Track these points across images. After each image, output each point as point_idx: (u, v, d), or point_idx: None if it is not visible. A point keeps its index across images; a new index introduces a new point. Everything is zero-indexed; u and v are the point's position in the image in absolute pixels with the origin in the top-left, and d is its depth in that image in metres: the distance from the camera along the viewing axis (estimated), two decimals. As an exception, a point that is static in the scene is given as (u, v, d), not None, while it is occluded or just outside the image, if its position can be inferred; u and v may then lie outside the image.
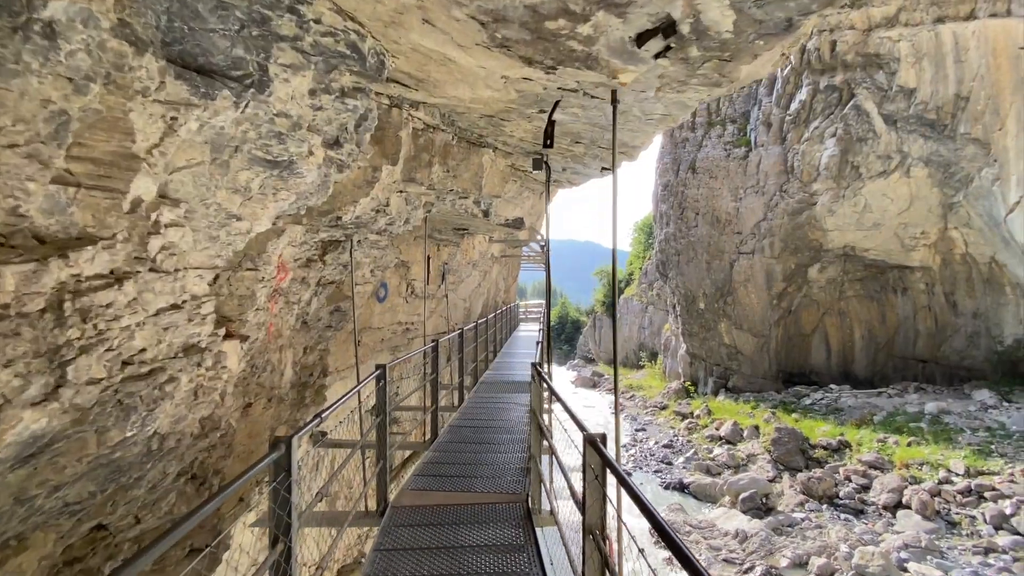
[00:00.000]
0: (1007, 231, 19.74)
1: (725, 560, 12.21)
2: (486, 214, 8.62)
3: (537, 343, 7.52)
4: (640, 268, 46.82)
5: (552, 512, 3.96)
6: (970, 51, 19.25)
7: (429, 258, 10.97)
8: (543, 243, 19.06)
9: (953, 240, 22.66)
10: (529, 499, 4.41)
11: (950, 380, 24.09)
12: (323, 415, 3.08)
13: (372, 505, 4.39)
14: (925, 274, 24.27)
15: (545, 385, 4.50)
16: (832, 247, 25.29)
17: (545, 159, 7.42)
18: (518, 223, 9.99)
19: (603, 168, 8.41)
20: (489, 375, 11.62)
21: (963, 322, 23.56)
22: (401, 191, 6.23)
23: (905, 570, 10.56)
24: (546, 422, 4.46)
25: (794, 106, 24.33)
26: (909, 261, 24.17)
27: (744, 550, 12.61)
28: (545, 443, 4.22)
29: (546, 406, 8.31)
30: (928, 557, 10.93)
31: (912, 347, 25.86)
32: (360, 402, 4.98)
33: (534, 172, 7.92)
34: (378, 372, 4.42)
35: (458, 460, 5.73)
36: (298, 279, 5.49)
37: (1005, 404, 19.02)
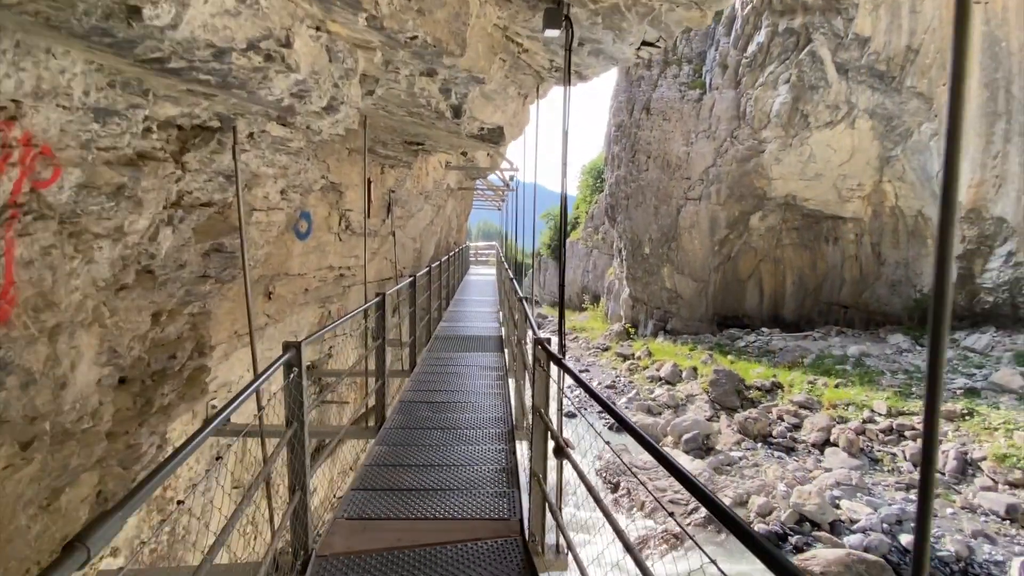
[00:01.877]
0: (938, 185, 20.62)
1: (671, 501, 12.58)
2: (457, 113, 5.95)
3: (525, 300, 6.03)
4: (586, 212, 46.58)
5: (564, 548, 2.83)
6: (925, 2, 19.21)
7: (370, 182, 8.61)
8: (512, 175, 15.42)
9: (885, 193, 23.58)
10: (526, 529, 3.09)
11: (867, 325, 25.87)
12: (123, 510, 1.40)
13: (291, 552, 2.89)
14: (856, 225, 25.33)
15: (562, 376, 2.90)
16: (775, 196, 25.77)
17: (566, 10, 4.92)
18: (496, 135, 7.24)
19: (643, 44, 5.97)
20: (444, 328, 10.52)
21: (886, 271, 25.02)
22: (319, 27, 3.54)
23: (838, 507, 11.24)
24: (552, 417, 3.04)
25: (751, 48, 23.79)
26: (843, 212, 25.08)
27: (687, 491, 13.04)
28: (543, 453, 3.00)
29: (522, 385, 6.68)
30: (858, 494, 11.69)
31: (837, 293, 27.38)
32: (260, 406, 3.13)
33: (544, 35, 5.27)
34: (287, 356, 2.83)
35: (416, 459, 4.27)
36: (109, 188, 3.00)
37: (918, 348, 20.56)
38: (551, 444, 2.93)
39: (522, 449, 4.43)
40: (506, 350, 8.41)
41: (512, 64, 6.58)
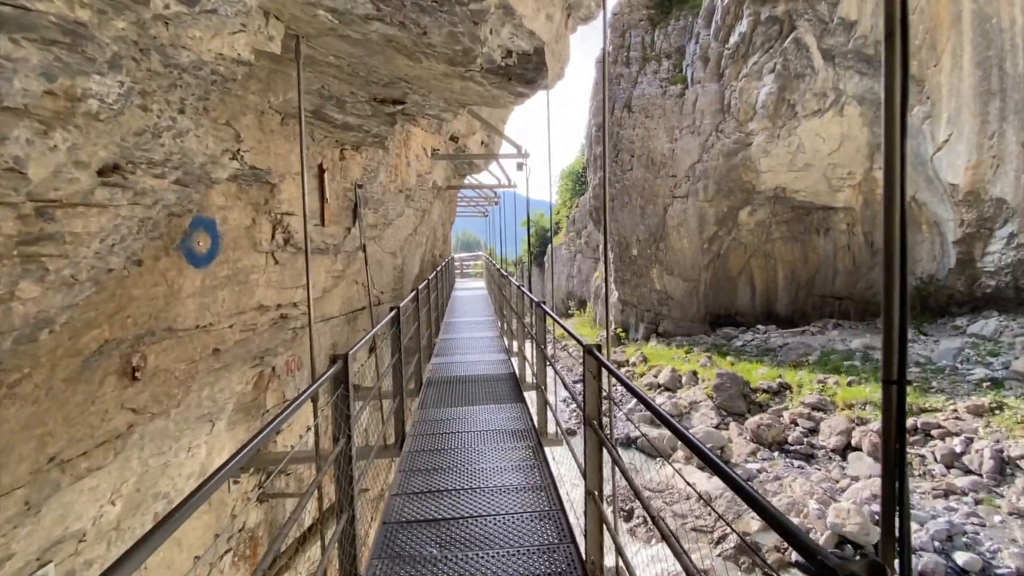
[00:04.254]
0: (932, 170, 20.08)
1: (695, 529, 11.45)
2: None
3: (546, 314, 4.06)
4: (567, 216, 45.69)
5: None
6: (911, -19, 18.67)
7: (323, 169, 6.03)
8: (521, 163, 10.93)
9: (877, 180, 23.02)
10: None
11: (863, 316, 25.30)
12: None
13: None
14: (847, 214, 24.79)
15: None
16: (764, 189, 25.11)
17: None
18: (532, 65, 4.30)
19: None
20: (437, 367, 8.13)
21: (880, 260, 24.43)
22: None
23: (879, 524, 10.21)
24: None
25: (733, 39, 23.11)
26: (834, 202, 24.51)
27: (710, 514, 11.92)
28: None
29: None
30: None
31: (831, 285, 26.81)
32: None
33: None
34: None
35: None
36: None
37: (921, 338, 19.89)
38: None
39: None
40: (529, 396, 6.47)
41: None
